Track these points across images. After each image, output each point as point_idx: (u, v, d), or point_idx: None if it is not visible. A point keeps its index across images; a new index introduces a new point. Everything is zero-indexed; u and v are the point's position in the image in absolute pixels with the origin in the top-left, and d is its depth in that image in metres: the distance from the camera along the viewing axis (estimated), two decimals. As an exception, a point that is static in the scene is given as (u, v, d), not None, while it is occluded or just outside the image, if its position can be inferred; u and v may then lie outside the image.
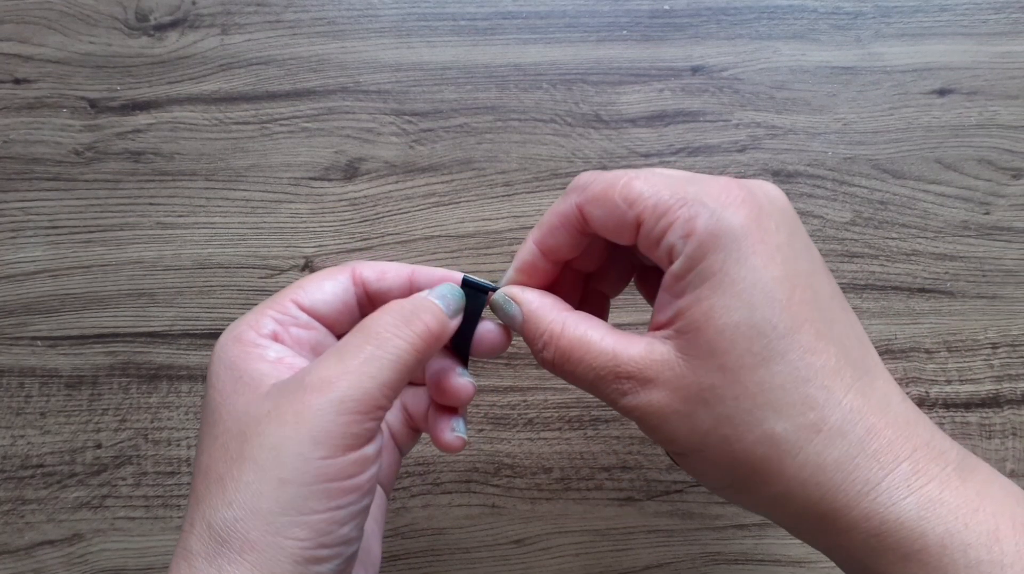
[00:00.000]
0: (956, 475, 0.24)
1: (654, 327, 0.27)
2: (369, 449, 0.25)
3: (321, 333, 0.30)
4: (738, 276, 0.25)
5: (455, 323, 0.29)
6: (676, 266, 0.25)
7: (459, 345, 0.31)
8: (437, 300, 0.28)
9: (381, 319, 0.26)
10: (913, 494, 0.24)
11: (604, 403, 0.30)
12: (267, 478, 0.24)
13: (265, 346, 0.27)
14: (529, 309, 0.29)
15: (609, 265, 0.33)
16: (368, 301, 0.31)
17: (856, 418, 0.24)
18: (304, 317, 0.29)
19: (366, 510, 0.26)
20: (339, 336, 0.30)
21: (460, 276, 0.31)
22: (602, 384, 0.27)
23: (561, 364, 0.28)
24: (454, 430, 0.31)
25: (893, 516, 0.24)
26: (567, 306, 0.29)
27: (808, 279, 0.26)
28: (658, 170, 0.28)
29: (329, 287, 0.29)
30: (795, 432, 0.24)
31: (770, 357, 0.24)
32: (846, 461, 0.24)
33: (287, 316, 0.29)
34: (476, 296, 0.30)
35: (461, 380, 0.30)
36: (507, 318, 0.30)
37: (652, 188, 0.26)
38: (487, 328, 0.31)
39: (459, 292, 0.30)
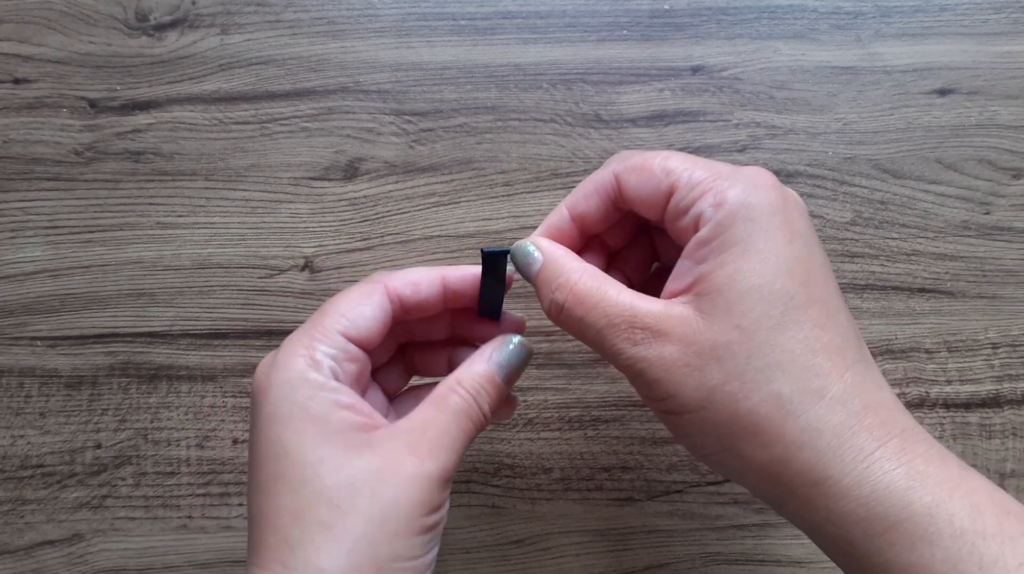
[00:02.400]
0: (939, 456, 0.26)
1: (668, 295, 0.28)
2: (446, 505, 0.29)
3: (364, 362, 0.31)
4: (764, 247, 0.26)
5: (511, 386, 0.31)
6: (703, 232, 0.27)
7: (489, 309, 0.32)
8: (500, 377, 0.30)
9: (458, 402, 0.29)
10: (902, 466, 0.25)
11: (603, 405, 0.30)
12: (382, 530, 0.26)
13: (335, 389, 0.28)
14: (551, 255, 0.30)
15: (632, 249, 0.34)
16: (402, 312, 0.31)
17: (854, 394, 0.26)
18: (354, 350, 0.30)
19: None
20: (373, 354, 0.31)
21: (477, 272, 0.31)
22: (612, 332, 0.28)
23: (572, 307, 0.28)
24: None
25: (883, 485, 0.25)
26: (589, 265, 0.30)
27: (822, 267, 0.28)
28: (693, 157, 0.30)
29: (370, 313, 0.30)
30: (800, 395, 0.26)
31: (784, 323, 0.26)
32: (843, 430, 0.25)
33: (338, 351, 0.29)
34: (498, 260, 0.31)
35: (511, 397, 0.34)
36: (524, 262, 0.30)
37: (690, 163, 0.28)
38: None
39: (523, 355, 0.31)
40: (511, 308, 0.34)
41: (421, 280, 0.31)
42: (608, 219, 0.31)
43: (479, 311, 0.33)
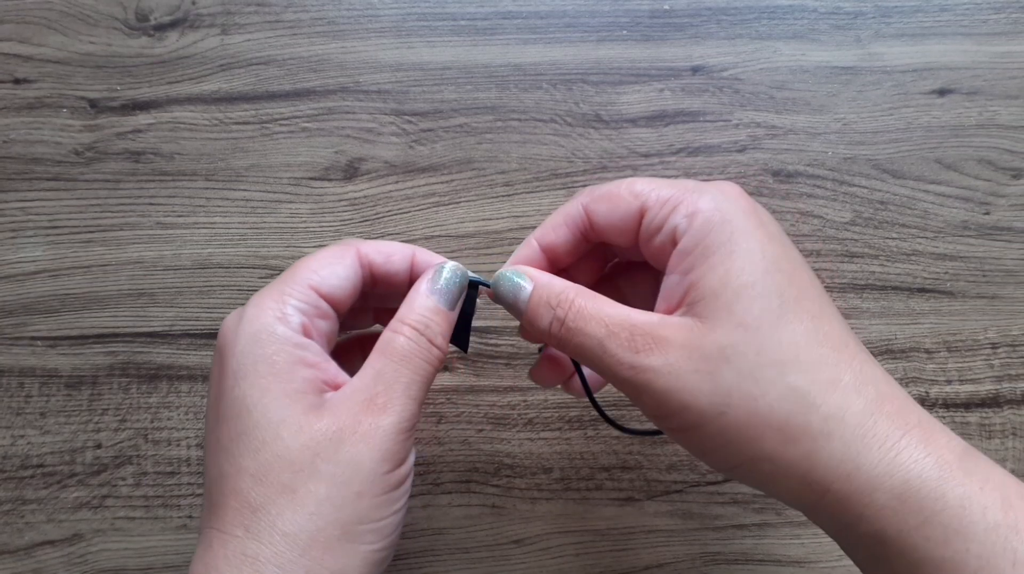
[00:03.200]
0: (960, 447, 0.25)
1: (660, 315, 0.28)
2: (411, 459, 0.29)
3: (334, 321, 0.30)
4: (747, 246, 0.26)
5: (455, 313, 0.30)
6: (683, 243, 0.27)
7: (457, 337, 0.31)
8: (442, 303, 0.30)
9: (407, 344, 0.28)
10: (931, 455, 0.24)
11: (603, 405, 0.30)
12: (346, 492, 0.26)
13: (302, 346, 0.28)
14: (541, 279, 0.29)
15: (599, 284, 0.34)
16: (372, 281, 0.31)
17: (867, 381, 0.25)
18: (324, 306, 0.30)
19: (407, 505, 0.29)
20: (342, 317, 0.31)
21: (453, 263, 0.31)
22: (613, 341, 0.27)
23: (574, 320, 0.28)
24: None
25: (915, 474, 0.24)
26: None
27: (804, 266, 0.28)
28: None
29: (342, 272, 0.30)
30: (816, 386, 0.25)
31: (785, 316, 0.26)
32: (865, 417, 0.25)
33: (309, 306, 0.29)
34: (472, 289, 0.31)
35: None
36: (511, 289, 0.29)
37: (655, 183, 0.29)
38: None
39: (459, 273, 0.30)
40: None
41: (394, 252, 0.31)
42: (577, 251, 0.31)
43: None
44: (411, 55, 0.44)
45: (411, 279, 0.31)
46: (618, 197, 0.29)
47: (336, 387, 0.28)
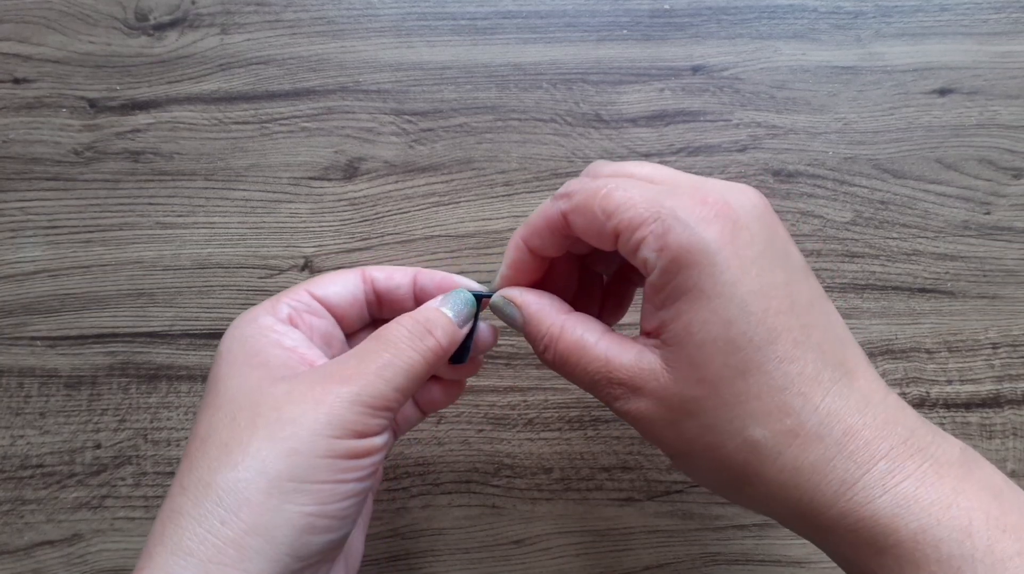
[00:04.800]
0: (933, 471, 0.25)
1: (643, 332, 0.28)
2: (376, 439, 0.27)
3: (331, 323, 0.31)
4: (713, 291, 0.25)
5: (464, 331, 0.31)
6: (652, 278, 0.26)
7: (457, 352, 0.31)
8: (449, 312, 0.30)
9: (398, 331, 0.28)
10: (888, 493, 0.25)
11: (603, 405, 0.30)
12: (278, 447, 0.25)
13: (283, 331, 0.29)
14: (528, 312, 0.30)
15: (600, 252, 0.33)
16: (376, 298, 0.32)
17: (833, 421, 0.25)
18: (317, 305, 0.31)
19: (365, 494, 0.27)
20: (346, 329, 0.32)
21: (457, 278, 0.32)
22: (597, 387, 0.28)
23: (561, 365, 0.29)
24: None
25: (868, 514, 0.25)
26: (565, 306, 0.30)
27: (785, 289, 0.26)
28: (644, 168, 0.29)
29: (340, 282, 0.31)
30: (773, 438, 0.25)
31: (747, 369, 0.25)
32: (823, 463, 0.25)
33: (301, 303, 0.30)
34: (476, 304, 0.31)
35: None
36: (508, 319, 0.31)
37: (629, 201, 0.27)
38: (479, 328, 0.32)
39: (470, 300, 0.31)
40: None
41: (395, 270, 0.32)
42: (563, 247, 0.30)
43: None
44: (411, 55, 0.44)
45: (415, 300, 0.32)
46: (592, 214, 0.27)
47: None
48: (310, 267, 0.43)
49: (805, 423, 0.25)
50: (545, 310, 0.29)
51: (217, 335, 0.42)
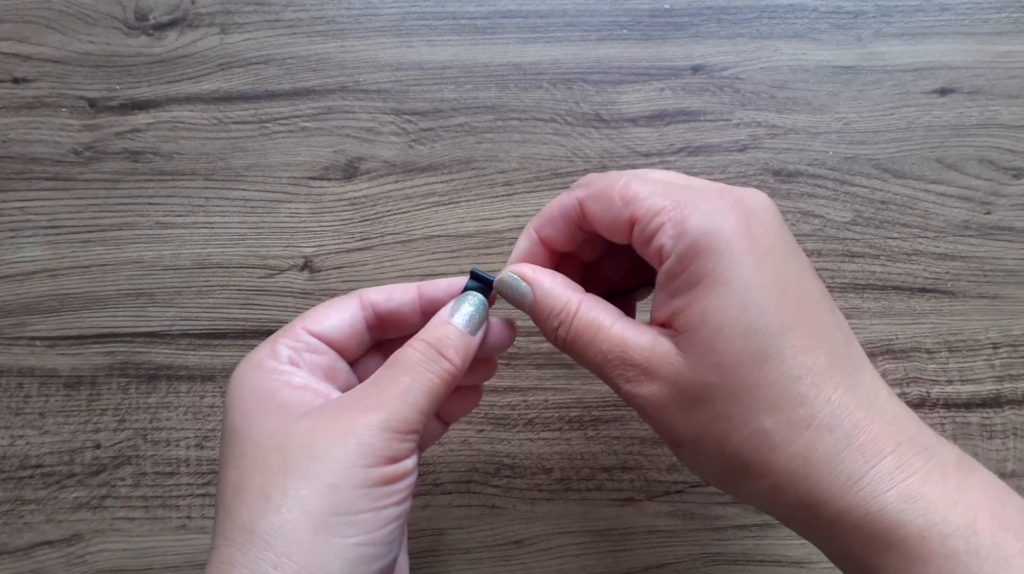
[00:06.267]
0: (938, 470, 0.25)
1: (655, 323, 0.28)
2: (407, 462, 0.27)
3: (331, 357, 0.31)
4: (731, 277, 0.26)
5: (478, 338, 0.30)
6: (668, 265, 0.27)
7: None
8: (460, 322, 0.30)
9: (413, 354, 0.28)
10: (895, 487, 0.25)
11: (603, 405, 0.30)
12: (316, 484, 0.25)
13: (289, 372, 0.29)
14: (542, 289, 0.29)
15: (608, 256, 0.33)
16: (378, 322, 0.32)
17: (843, 414, 0.26)
18: (315, 342, 0.30)
19: (405, 516, 0.27)
20: (348, 358, 0.32)
21: (461, 284, 0.31)
22: (609, 367, 0.28)
23: (573, 343, 0.29)
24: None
25: (875, 508, 0.25)
26: (578, 286, 0.30)
27: (797, 282, 0.27)
28: (658, 172, 0.29)
29: (336, 314, 0.31)
30: (785, 427, 0.25)
31: (763, 356, 0.25)
32: (832, 455, 0.25)
33: (299, 342, 0.30)
34: (483, 289, 0.31)
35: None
36: (516, 296, 0.30)
37: (648, 189, 0.28)
38: (494, 324, 0.32)
39: (482, 304, 0.30)
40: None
41: (395, 289, 0.32)
42: (575, 240, 0.31)
43: None
44: (411, 54, 0.44)
45: (423, 313, 0.32)
46: (610, 200, 0.28)
47: None
48: (310, 267, 0.43)
49: (817, 414, 0.25)
50: (559, 287, 0.29)
51: (217, 335, 0.42)
